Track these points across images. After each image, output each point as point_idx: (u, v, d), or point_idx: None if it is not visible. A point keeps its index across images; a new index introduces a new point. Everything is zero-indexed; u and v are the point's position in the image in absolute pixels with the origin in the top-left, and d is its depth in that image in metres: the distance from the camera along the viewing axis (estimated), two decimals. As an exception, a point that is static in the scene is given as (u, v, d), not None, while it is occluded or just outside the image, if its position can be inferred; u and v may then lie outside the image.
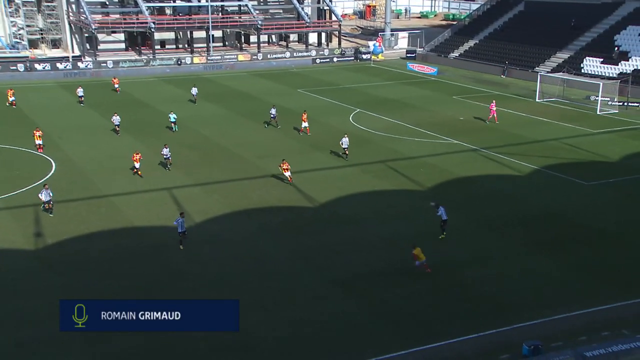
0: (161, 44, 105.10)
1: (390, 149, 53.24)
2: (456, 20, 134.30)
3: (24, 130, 57.31)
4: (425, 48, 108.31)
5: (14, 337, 26.64)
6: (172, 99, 73.79)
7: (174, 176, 46.42)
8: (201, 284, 31.28)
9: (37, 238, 36.23)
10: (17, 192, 42.87)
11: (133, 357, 25.57)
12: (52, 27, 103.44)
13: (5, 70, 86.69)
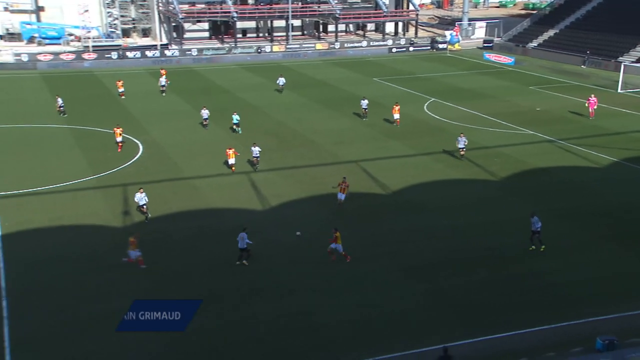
0: (243, 33, 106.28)
1: (465, 138, 52.47)
2: (536, 9, 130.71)
3: (116, 115, 59.21)
4: (503, 38, 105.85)
5: (104, 307, 27.48)
6: (251, 86, 74.49)
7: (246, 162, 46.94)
8: (273, 266, 31.55)
9: (125, 216, 37.21)
10: (108, 172, 44.13)
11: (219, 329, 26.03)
12: (143, 17, 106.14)
13: (100, 58, 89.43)
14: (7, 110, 61.17)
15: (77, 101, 65.32)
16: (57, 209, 37.96)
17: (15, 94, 68.66)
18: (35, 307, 27.72)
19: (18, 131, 54.47)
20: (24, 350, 24.79)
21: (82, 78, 79.24)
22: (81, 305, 27.81)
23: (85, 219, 36.51)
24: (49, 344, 25.29)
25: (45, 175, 43.08)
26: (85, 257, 32.07)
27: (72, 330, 26.23)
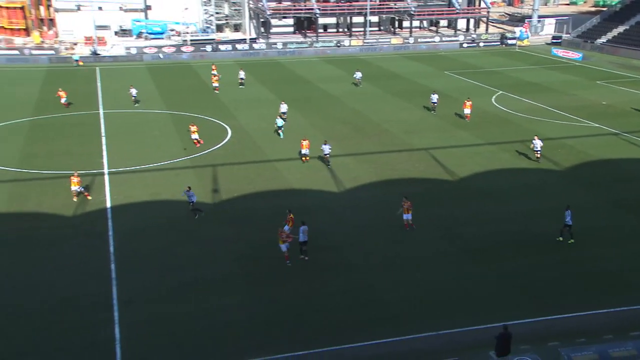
0: (324, 28, 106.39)
1: (530, 129, 51.01)
2: (606, 6, 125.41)
3: (208, 102, 60.58)
4: (572, 34, 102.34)
5: (194, 274, 28.46)
6: (331, 77, 74.60)
7: (328, 146, 47.24)
8: (340, 244, 31.80)
9: (214, 194, 38.18)
10: (200, 154, 45.29)
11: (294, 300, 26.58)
12: (235, 14, 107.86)
13: (196, 51, 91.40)
14: (118, 97, 63.35)
15: (176, 89, 67.05)
16: (156, 185, 39.28)
17: (125, 82, 70.97)
18: (138, 270, 28.93)
19: (127, 116, 56.41)
20: (128, 307, 25.97)
21: (180, 68, 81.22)
22: (175, 270, 28.85)
23: (179, 195, 37.49)
24: (149, 303, 26.38)
25: (146, 155, 44.58)
26: (179, 229, 33.19)
27: (168, 291, 27.27)
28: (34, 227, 33.41)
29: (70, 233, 32.77)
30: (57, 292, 27.00)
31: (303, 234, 29.41)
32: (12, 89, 66.76)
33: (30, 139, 48.70)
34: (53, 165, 42.50)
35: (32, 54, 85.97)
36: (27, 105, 59.15)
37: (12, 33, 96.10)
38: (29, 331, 24.42)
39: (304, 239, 29.43)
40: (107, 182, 39.68)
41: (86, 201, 36.54)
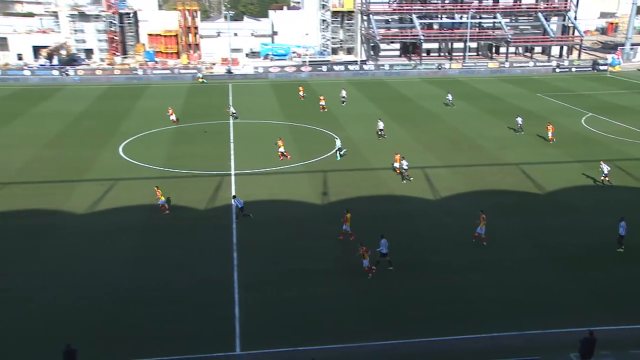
0: (427, 52, 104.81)
1: (619, 150, 47.84)
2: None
3: (320, 115, 61.16)
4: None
5: (304, 266, 28.68)
6: (431, 96, 73.22)
7: (426, 158, 46.25)
8: (438, 246, 31.03)
9: (324, 196, 38.37)
10: (313, 160, 45.74)
11: (389, 297, 26.22)
12: (349, 39, 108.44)
13: (314, 70, 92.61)
14: (247, 109, 65.24)
15: (294, 104, 68.08)
16: (273, 186, 39.97)
17: (253, 97, 73.02)
18: (257, 259, 29.49)
19: (251, 125, 57.93)
20: (248, 292, 26.50)
21: (299, 86, 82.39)
22: (288, 262, 29.17)
23: (293, 196, 38.11)
24: (263, 287, 26.82)
25: (266, 160, 45.48)
26: (292, 225, 33.55)
27: (279, 278, 27.64)
28: (176, 217, 34.89)
29: (203, 224, 33.94)
30: (193, 272, 28.01)
31: (384, 247, 28.29)
32: (162, 102, 70.32)
33: (173, 143, 50.99)
34: (190, 165, 44.25)
35: (180, 73, 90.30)
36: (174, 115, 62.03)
37: (167, 56, 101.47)
38: (169, 301, 25.52)
39: (384, 251, 28.30)
40: (233, 182, 40.81)
41: (216, 197, 37.75)
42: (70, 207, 36.06)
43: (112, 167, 44.03)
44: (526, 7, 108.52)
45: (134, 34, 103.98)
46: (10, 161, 45.26)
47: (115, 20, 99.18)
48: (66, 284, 27.10)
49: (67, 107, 66.25)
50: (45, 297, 25.96)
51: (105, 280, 27.38)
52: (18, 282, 27.25)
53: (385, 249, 28.03)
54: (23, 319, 24.39)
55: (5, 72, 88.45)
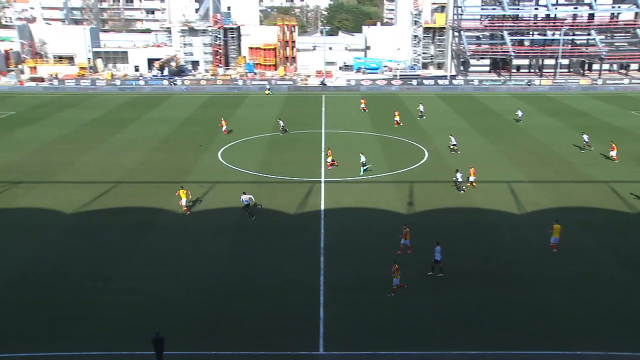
0: (517, 68, 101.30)
1: None
2: None
3: (409, 127, 60.47)
4: None
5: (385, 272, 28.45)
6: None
7: (512, 172, 44.67)
8: (520, 258, 29.83)
9: (409, 206, 37.91)
10: (400, 171, 45.33)
11: (471, 307, 25.55)
12: (439, 54, 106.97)
13: (404, 84, 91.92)
14: (338, 120, 65.78)
15: (384, 115, 67.78)
16: (361, 195, 39.91)
17: (344, 108, 73.46)
18: (343, 264, 29.57)
19: (342, 135, 58.29)
20: (333, 294, 26.62)
21: (389, 98, 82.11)
22: (373, 268, 29.02)
23: (380, 204, 37.90)
24: (348, 291, 26.84)
25: (355, 169, 45.53)
26: (378, 233, 33.35)
27: (367, 285, 27.53)
28: (268, 219, 35.63)
29: (292, 228, 34.46)
30: (281, 273, 28.49)
31: (438, 253, 27.86)
32: (260, 111, 72.26)
33: (269, 150, 52.17)
34: (283, 172, 45.09)
35: (276, 84, 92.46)
36: (269, 124, 63.61)
37: (265, 68, 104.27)
38: (257, 300, 26.12)
39: (438, 257, 27.85)
40: (323, 189, 41.16)
41: (305, 203, 38.23)
42: (172, 206, 37.71)
43: (211, 171, 45.66)
44: (624, 23, 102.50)
45: (236, 47, 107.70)
46: (123, 163, 47.98)
47: (220, 34, 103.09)
48: (164, 276, 28.33)
49: (173, 114, 69.51)
50: (145, 288, 27.25)
51: (200, 275, 28.39)
52: (122, 272, 28.78)
53: (440, 256, 27.85)
54: (123, 306, 25.74)
55: (124, 82, 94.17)
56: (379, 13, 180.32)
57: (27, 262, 29.85)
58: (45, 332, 23.73)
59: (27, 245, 31.90)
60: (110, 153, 51.15)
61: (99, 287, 27.22)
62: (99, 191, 40.56)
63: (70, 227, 34.67)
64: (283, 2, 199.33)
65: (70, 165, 46.59)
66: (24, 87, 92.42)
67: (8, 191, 40.73)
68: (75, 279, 28.11)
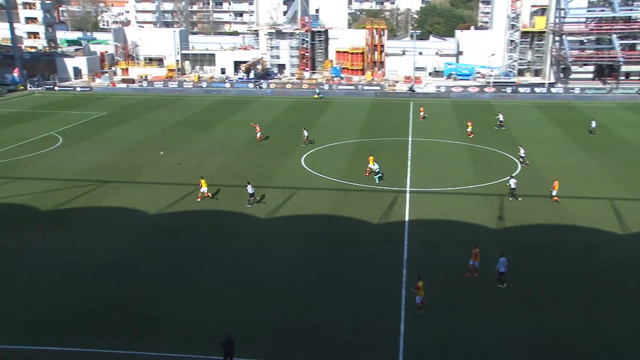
0: (626, 75, 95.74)
1: None
2: None
3: (500, 137, 58.67)
4: None
5: (472, 289, 27.54)
6: (625, 123, 66.78)
7: (614, 188, 42.29)
8: (619, 285, 28.20)
9: (499, 220, 36.73)
10: (490, 183, 44.07)
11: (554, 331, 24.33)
12: (537, 60, 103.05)
13: (497, 92, 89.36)
14: (426, 128, 64.94)
15: (476, 124, 66.04)
16: (448, 207, 39.14)
17: (432, 115, 72.42)
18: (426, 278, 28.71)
19: (429, 144, 57.44)
20: (415, 310, 26.19)
21: (481, 106, 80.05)
22: (458, 284, 28.35)
23: (467, 218, 36.97)
24: (431, 307, 26.20)
25: (442, 180, 44.75)
26: (464, 247, 32.16)
27: (451, 302, 26.89)
28: (349, 229, 35.68)
29: (374, 238, 34.27)
30: (361, 284, 28.38)
31: (503, 265, 27.37)
32: (346, 116, 72.62)
33: (353, 157, 52.27)
34: (367, 180, 44.96)
35: (363, 89, 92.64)
36: (355, 129, 63.76)
37: (352, 72, 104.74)
38: (336, 311, 26.11)
39: (503, 270, 27.40)
40: (408, 199, 40.70)
41: (389, 213, 37.89)
42: (253, 211, 38.54)
43: (293, 176, 46.30)
44: None
45: (323, 50, 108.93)
46: (207, 165, 49.60)
47: (308, 37, 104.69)
48: (242, 282, 28.94)
49: (258, 118, 71.07)
50: (222, 292, 27.95)
51: (278, 283, 28.78)
52: (201, 275, 29.67)
53: (504, 268, 27.23)
54: (200, 309, 26.48)
55: (210, 85, 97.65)
56: (473, 16, 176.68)
57: (111, 259, 31.48)
58: (122, 329, 24.88)
59: (112, 242, 33.67)
60: (194, 155, 53.11)
61: (177, 288, 28.24)
62: (182, 193, 42.15)
63: (153, 227, 36.24)
64: (373, 5, 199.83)
65: (155, 166, 48.78)
66: (116, 89, 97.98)
67: (97, 190, 43.20)
68: (154, 278, 29.33)
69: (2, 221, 37.14)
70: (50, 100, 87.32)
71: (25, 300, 27.21)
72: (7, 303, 26.99)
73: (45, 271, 30.06)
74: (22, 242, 33.74)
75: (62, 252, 32.34)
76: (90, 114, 75.12)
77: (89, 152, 54.30)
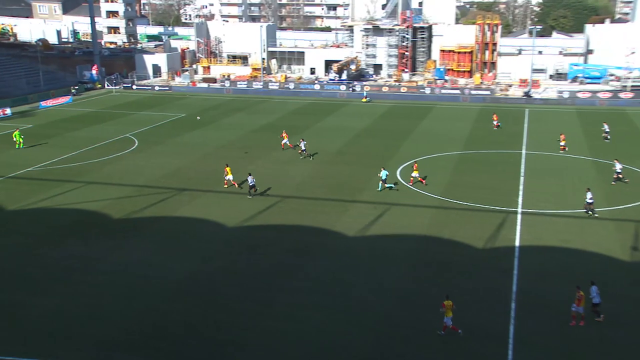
0: None
1: None
2: None
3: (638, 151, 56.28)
4: None
5: (591, 332, 26.66)
6: None
7: None
8: None
9: (633, 252, 35.12)
10: (623, 206, 42.32)
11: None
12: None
13: (636, 97, 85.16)
14: (544, 139, 63.29)
15: (600, 135, 63.55)
16: (568, 232, 37.95)
17: (552, 125, 70.33)
18: (538, 314, 28.33)
19: (548, 159, 55.83)
20: (524, 349, 25.63)
21: (614, 115, 76.69)
22: (575, 322, 27.37)
23: (591, 246, 35.64)
24: (545, 349, 25.63)
25: (562, 200, 43.43)
26: (582, 281, 31.06)
27: (565, 342, 26.08)
28: (450, 253, 35.39)
29: (479, 265, 33.76)
30: (462, 316, 28.00)
31: (596, 295, 27.25)
32: (449, 124, 71.99)
33: (456, 170, 51.75)
34: (471, 197, 44.36)
35: (470, 94, 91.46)
36: (459, 140, 63.11)
37: (458, 74, 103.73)
38: (436, 346, 26.01)
39: (598, 300, 27.25)
40: (519, 221, 39.78)
41: (497, 236, 37.24)
42: (341, 227, 39.02)
43: (387, 190, 46.43)
44: None
45: (425, 49, 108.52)
46: (292, 175, 50.74)
47: (409, 34, 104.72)
48: (328, 306, 29.33)
49: (348, 124, 71.99)
50: (308, 317, 28.47)
51: (367, 310, 28.97)
52: (283, 297, 30.35)
53: (598, 298, 27.22)
54: (283, 335, 27.07)
55: (298, 86, 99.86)
56: (609, 8, 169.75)
57: (186, 276, 32.83)
58: (196, 354, 25.80)
59: (186, 257, 35.16)
60: (278, 163, 54.50)
61: (257, 311, 29.04)
62: (263, 205, 43.37)
63: (232, 241, 37.49)
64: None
65: (235, 174, 50.45)
66: (196, 88, 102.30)
67: (173, 198, 45.29)
68: (233, 299, 30.28)
69: (75, 228, 39.64)
70: (128, 99, 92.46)
71: (97, 315, 28.79)
72: (78, 317, 28.71)
73: (117, 285, 31.75)
74: (95, 252, 35.90)
75: (135, 265, 34.11)
76: (168, 115, 78.87)
77: (165, 157, 57.06)
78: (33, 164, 54.57)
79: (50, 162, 55.51)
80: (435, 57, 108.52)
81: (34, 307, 29.50)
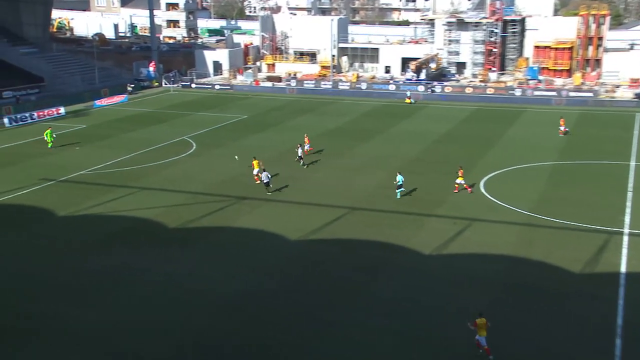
0: None
1: None
2: None
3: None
4: None
5: None
6: None
7: None
8: None
9: None
10: None
11: None
12: None
13: None
14: None
15: None
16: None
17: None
18: None
19: None
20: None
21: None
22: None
23: None
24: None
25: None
26: None
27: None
28: (542, 277, 34.21)
29: (576, 292, 32.47)
30: (554, 354, 26.97)
31: None
32: (541, 130, 70.31)
33: (549, 183, 50.33)
34: (567, 214, 42.89)
35: (568, 96, 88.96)
36: (553, 148, 61.45)
37: (554, 74, 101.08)
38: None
39: None
40: (626, 244, 38.20)
41: (597, 260, 35.82)
42: (416, 244, 38.37)
43: (469, 204, 45.48)
44: None
45: (516, 45, 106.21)
46: (360, 185, 50.42)
47: (498, 29, 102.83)
48: (395, 331, 28.73)
49: (427, 128, 71.23)
50: (373, 342, 27.90)
51: (440, 337, 28.29)
52: (346, 318, 29.98)
53: None
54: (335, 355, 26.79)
55: (371, 86, 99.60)
56: None
57: (241, 291, 32.89)
58: (253, 377, 25.78)
59: (243, 271, 35.26)
60: (346, 171, 54.28)
61: (316, 331, 28.83)
62: (329, 217, 43.18)
63: (293, 256, 37.44)
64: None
65: (298, 182, 50.49)
66: (260, 88, 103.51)
67: (232, 207, 45.65)
68: (291, 317, 30.15)
69: (127, 236, 40.48)
70: (186, 99, 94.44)
71: (146, 331, 29.19)
72: (128, 332, 29.13)
73: (168, 299, 32.11)
74: (146, 262, 36.48)
75: (187, 278, 34.45)
76: (229, 116, 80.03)
77: (224, 162, 57.65)
78: (86, 167, 56.22)
79: (104, 164, 57.06)
80: (527, 54, 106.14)
81: (75, 318, 30.09)
